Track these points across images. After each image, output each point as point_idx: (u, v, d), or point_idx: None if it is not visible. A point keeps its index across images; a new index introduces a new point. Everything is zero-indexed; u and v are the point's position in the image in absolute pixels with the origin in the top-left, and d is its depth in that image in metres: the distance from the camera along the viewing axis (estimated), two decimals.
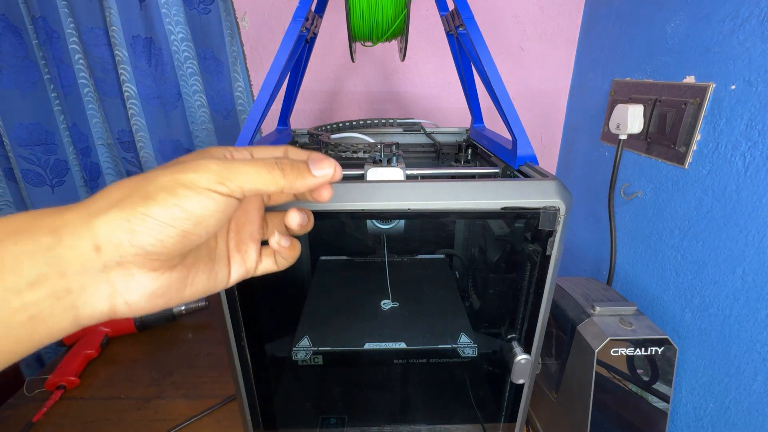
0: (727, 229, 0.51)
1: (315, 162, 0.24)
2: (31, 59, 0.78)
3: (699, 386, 0.55)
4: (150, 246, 0.19)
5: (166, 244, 0.20)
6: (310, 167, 0.24)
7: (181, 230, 0.20)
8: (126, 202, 0.19)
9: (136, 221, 0.19)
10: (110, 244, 0.19)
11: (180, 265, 0.23)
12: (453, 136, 0.71)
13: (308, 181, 0.23)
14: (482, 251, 0.60)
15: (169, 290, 0.22)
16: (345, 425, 0.55)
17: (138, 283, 0.20)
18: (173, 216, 0.19)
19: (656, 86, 0.61)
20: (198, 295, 0.25)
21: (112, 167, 0.93)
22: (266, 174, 0.22)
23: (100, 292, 0.20)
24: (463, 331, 0.53)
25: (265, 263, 0.28)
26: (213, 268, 0.25)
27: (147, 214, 0.19)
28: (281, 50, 0.45)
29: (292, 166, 0.23)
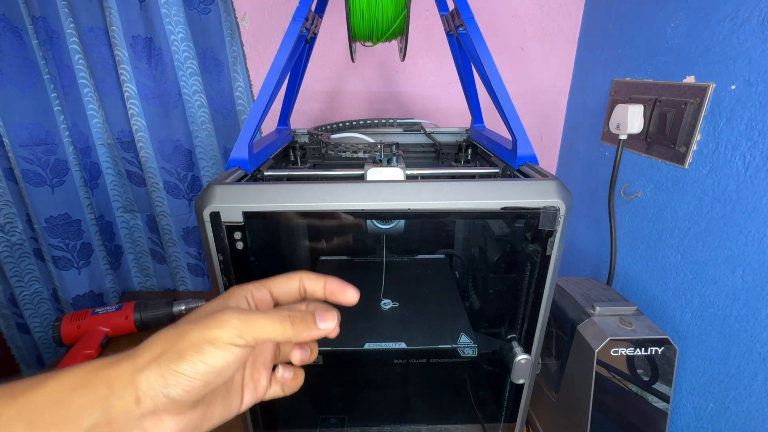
0: (727, 229, 0.51)
1: (321, 315, 0.28)
2: (31, 59, 0.78)
3: (699, 386, 0.55)
4: (178, 396, 0.22)
5: (191, 393, 0.23)
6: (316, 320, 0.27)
7: (205, 381, 0.23)
8: (162, 359, 0.23)
9: (169, 377, 0.22)
10: (148, 396, 0.22)
11: (201, 404, 0.25)
12: (453, 136, 0.71)
13: (312, 333, 0.27)
14: (482, 251, 0.60)
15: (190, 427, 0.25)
16: (345, 425, 0.55)
17: (165, 426, 0.23)
18: (198, 371, 0.23)
19: (656, 86, 0.61)
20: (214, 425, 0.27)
21: (112, 167, 0.93)
22: (279, 327, 0.25)
23: None
24: (463, 331, 0.53)
25: (273, 389, 0.31)
26: (228, 400, 0.28)
27: (178, 371, 0.22)
28: (281, 50, 0.45)
29: (301, 320, 0.26)
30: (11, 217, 0.88)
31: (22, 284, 0.94)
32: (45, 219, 0.87)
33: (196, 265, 1.04)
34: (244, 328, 0.24)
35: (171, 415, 0.23)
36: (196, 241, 1.00)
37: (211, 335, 0.23)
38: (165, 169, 0.91)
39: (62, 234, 0.89)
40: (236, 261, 0.39)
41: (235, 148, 0.43)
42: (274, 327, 0.25)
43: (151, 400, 0.22)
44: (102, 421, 0.21)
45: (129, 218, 1.00)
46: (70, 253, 0.91)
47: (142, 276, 1.07)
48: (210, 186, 0.37)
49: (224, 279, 0.40)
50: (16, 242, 0.90)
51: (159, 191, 0.92)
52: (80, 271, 0.93)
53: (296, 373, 0.32)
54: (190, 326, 0.24)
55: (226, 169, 0.43)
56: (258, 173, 0.47)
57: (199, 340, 0.23)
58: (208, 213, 0.37)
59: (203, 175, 0.95)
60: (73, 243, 0.91)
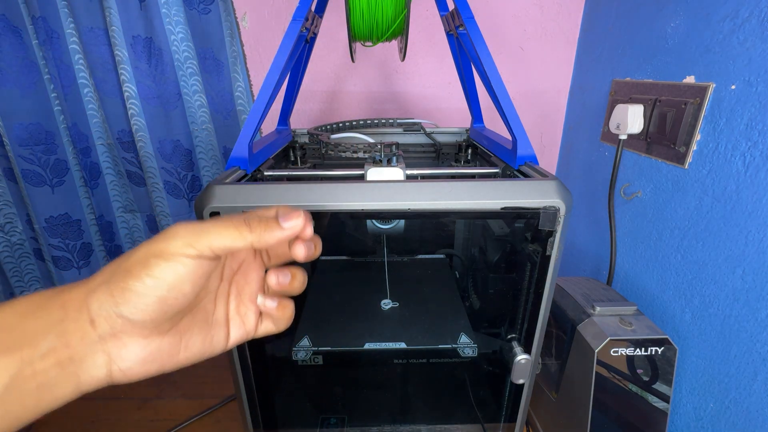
0: (727, 229, 0.51)
1: (283, 215, 0.25)
2: (31, 59, 0.78)
3: (699, 386, 0.55)
4: (131, 315, 0.21)
5: (146, 311, 0.21)
6: (279, 220, 0.24)
7: (157, 297, 0.21)
8: (111, 279, 0.21)
9: (117, 294, 0.21)
10: (100, 317, 0.21)
11: (172, 331, 0.24)
12: (453, 136, 0.71)
13: (276, 233, 0.24)
14: (482, 251, 0.60)
15: (160, 355, 0.23)
16: (345, 425, 0.55)
17: (130, 351, 0.22)
18: (146, 285, 0.21)
19: (656, 86, 0.61)
20: (194, 358, 0.25)
21: (112, 167, 0.93)
22: (233, 230, 0.23)
23: (97, 360, 0.22)
24: (463, 331, 0.53)
25: (265, 325, 0.29)
26: (209, 332, 0.26)
27: (126, 287, 0.21)
28: (281, 50, 0.45)
29: (259, 221, 0.24)
30: (11, 217, 0.88)
31: (22, 284, 0.94)
32: (45, 219, 0.87)
33: None
34: (194, 237, 0.22)
35: (134, 339, 0.22)
36: None
37: (157, 248, 0.22)
38: (165, 169, 0.91)
39: (62, 234, 0.89)
40: None
41: (235, 148, 0.43)
42: (228, 231, 0.23)
43: (106, 321, 0.21)
44: (59, 344, 0.20)
45: (129, 218, 1.00)
46: (70, 253, 0.91)
47: None
48: (210, 186, 0.37)
49: None
50: (16, 242, 0.90)
51: (159, 191, 0.92)
52: (80, 271, 0.93)
53: (282, 303, 0.28)
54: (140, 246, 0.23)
55: (226, 169, 0.43)
56: (258, 173, 0.47)
57: (145, 255, 0.22)
58: (208, 213, 0.37)
59: (203, 175, 0.95)
60: (73, 243, 0.91)
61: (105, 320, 0.21)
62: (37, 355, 0.20)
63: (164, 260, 0.21)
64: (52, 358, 0.20)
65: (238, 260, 0.28)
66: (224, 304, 0.27)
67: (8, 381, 0.19)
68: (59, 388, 0.21)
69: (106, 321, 0.21)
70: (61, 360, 0.21)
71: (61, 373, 0.21)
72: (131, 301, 0.21)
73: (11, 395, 0.19)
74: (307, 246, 0.26)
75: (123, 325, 0.21)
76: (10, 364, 0.19)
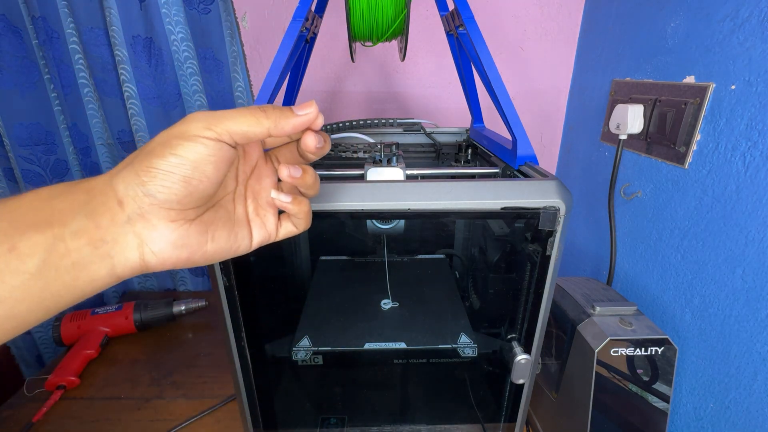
0: (727, 229, 0.51)
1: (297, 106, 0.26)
2: (31, 59, 0.78)
3: (699, 386, 0.55)
4: (159, 193, 0.22)
5: (173, 189, 0.22)
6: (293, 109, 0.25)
7: (182, 176, 0.22)
8: (135, 161, 0.22)
9: (143, 173, 0.21)
10: (128, 197, 0.22)
11: (197, 220, 0.24)
12: (453, 136, 0.71)
13: (291, 120, 0.25)
14: (482, 251, 0.60)
15: (189, 241, 0.24)
16: (345, 425, 0.55)
17: (160, 233, 0.23)
18: (171, 163, 0.22)
19: (656, 86, 0.61)
20: (222, 252, 0.26)
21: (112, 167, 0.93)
22: (250, 117, 0.23)
23: (129, 242, 0.22)
24: (463, 331, 0.53)
25: (285, 227, 0.30)
26: (233, 229, 0.27)
27: (151, 165, 0.21)
28: (281, 50, 0.45)
29: (274, 109, 0.24)
30: None
31: None
32: None
33: None
34: (213, 120, 0.23)
35: (163, 221, 0.23)
36: None
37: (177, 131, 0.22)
38: None
39: None
40: (236, 261, 0.39)
41: None
42: (245, 118, 0.23)
43: (133, 201, 0.22)
44: (89, 225, 0.21)
45: None
46: None
47: (142, 276, 1.07)
48: None
49: (224, 279, 0.39)
50: None
51: None
52: None
53: (297, 198, 0.29)
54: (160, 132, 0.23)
55: None
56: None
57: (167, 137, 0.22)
58: None
59: None
60: None
61: (133, 200, 0.22)
62: (68, 232, 0.20)
63: (186, 140, 0.22)
64: (84, 237, 0.21)
65: (250, 163, 0.28)
66: (243, 206, 0.28)
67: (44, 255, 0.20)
68: (94, 269, 0.21)
69: (134, 200, 0.22)
70: (93, 239, 0.21)
71: (95, 252, 0.21)
72: (157, 178, 0.21)
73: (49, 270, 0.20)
74: (317, 137, 0.27)
75: (150, 204, 0.22)
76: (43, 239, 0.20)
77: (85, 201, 0.21)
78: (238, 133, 0.23)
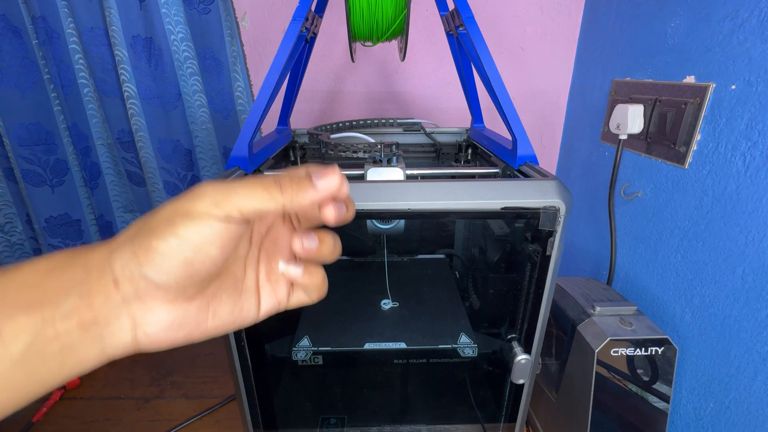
0: (727, 229, 0.51)
1: (317, 173, 0.22)
2: (31, 59, 0.78)
3: (699, 386, 0.55)
4: (156, 276, 0.20)
5: (171, 273, 0.20)
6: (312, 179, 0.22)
7: (182, 259, 0.20)
8: (135, 237, 0.20)
9: (141, 254, 0.20)
10: (124, 277, 0.20)
11: (199, 296, 0.23)
12: (453, 136, 0.71)
13: (309, 194, 0.22)
14: (482, 251, 0.60)
15: (187, 322, 0.22)
16: (345, 425, 0.55)
17: (156, 315, 0.21)
18: (171, 245, 0.20)
19: (656, 86, 0.61)
20: (223, 327, 0.24)
21: (111, 167, 0.93)
22: (263, 191, 0.21)
23: (122, 323, 0.21)
24: (463, 331, 0.53)
25: (297, 295, 0.27)
26: (239, 300, 0.25)
27: (150, 247, 0.20)
28: (281, 50, 0.45)
29: (291, 180, 0.22)
30: (11, 217, 0.88)
31: None
32: (45, 219, 0.87)
33: None
34: (221, 197, 0.20)
35: (159, 302, 0.21)
36: None
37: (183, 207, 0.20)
38: (165, 169, 0.91)
39: (62, 234, 0.89)
40: None
41: (235, 148, 0.43)
42: (257, 192, 0.21)
43: (129, 283, 0.20)
44: (81, 304, 0.19)
45: (129, 218, 1.00)
46: None
47: None
48: None
49: None
50: (16, 242, 0.90)
51: (159, 191, 0.92)
52: None
53: (309, 268, 0.26)
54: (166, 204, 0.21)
55: (226, 169, 0.43)
56: (258, 173, 0.47)
57: (171, 214, 0.20)
58: None
59: (203, 175, 0.95)
60: (73, 243, 0.91)
61: (129, 281, 0.20)
62: (58, 314, 0.19)
63: (190, 220, 0.20)
64: (75, 318, 0.19)
65: (266, 224, 0.26)
66: (254, 271, 0.26)
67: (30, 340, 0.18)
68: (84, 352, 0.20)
69: (130, 282, 0.20)
70: (84, 321, 0.20)
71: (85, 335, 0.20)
72: (155, 262, 0.20)
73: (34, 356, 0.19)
74: (338, 207, 0.24)
75: (147, 287, 0.20)
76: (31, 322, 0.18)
77: (81, 278, 0.20)
78: (249, 210, 0.21)
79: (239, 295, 0.25)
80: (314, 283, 0.27)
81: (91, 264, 0.20)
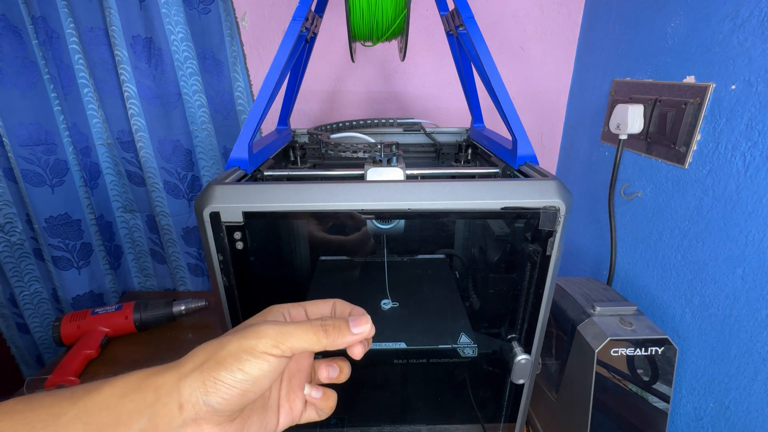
0: (727, 229, 0.51)
1: (354, 321, 0.28)
2: (31, 59, 0.78)
3: (699, 386, 0.55)
4: (217, 404, 0.23)
5: (230, 402, 0.24)
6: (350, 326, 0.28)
7: (242, 390, 0.24)
8: (204, 367, 0.24)
9: (210, 384, 0.23)
10: (189, 403, 0.23)
11: (239, 418, 0.26)
12: (453, 136, 0.71)
13: (347, 339, 0.27)
14: (482, 251, 0.60)
15: None
16: (345, 425, 0.55)
17: None
18: (236, 379, 0.23)
19: (656, 86, 0.61)
20: None
21: (111, 167, 0.93)
22: (312, 335, 0.26)
23: None
24: (463, 331, 0.53)
25: (308, 412, 0.31)
26: (265, 417, 0.28)
27: (218, 378, 0.23)
28: (281, 50, 0.45)
29: (334, 327, 0.27)
30: (11, 217, 0.88)
31: (21, 284, 0.94)
32: (45, 219, 0.87)
33: (196, 265, 1.04)
34: (280, 337, 0.25)
35: (210, 425, 0.24)
36: (196, 241, 1.00)
37: (248, 344, 0.24)
38: (165, 169, 0.91)
39: (62, 234, 0.89)
40: (236, 261, 0.39)
41: (235, 148, 0.43)
42: (308, 336, 0.26)
43: (193, 408, 0.23)
44: (148, 426, 0.22)
45: (129, 218, 1.00)
46: (69, 253, 0.91)
47: (142, 276, 1.07)
48: (210, 186, 0.37)
49: (224, 279, 0.39)
50: (16, 242, 0.90)
51: (159, 191, 0.92)
52: (80, 271, 0.93)
53: (326, 393, 0.31)
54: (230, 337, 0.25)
55: (226, 169, 0.43)
56: (258, 173, 0.47)
57: (237, 350, 0.24)
58: (208, 213, 0.37)
59: (203, 175, 0.95)
60: (73, 243, 0.91)
61: (193, 406, 0.23)
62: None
63: (254, 357, 0.24)
64: None
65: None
66: (277, 390, 0.30)
67: None
68: None
69: (193, 407, 0.23)
70: None
71: None
72: (220, 391, 0.23)
73: None
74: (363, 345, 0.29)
75: (206, 412, 0.23)
76: None
77: (151, 401, 0.23)
78: (299, 349, 0.26)
79: (265, 413, 0.28)
80: (329, 405, 0.31)
81: (161, 388, 0.23)
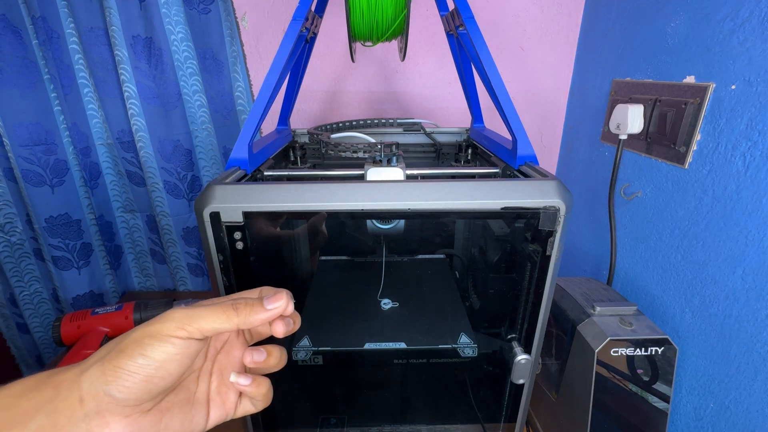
0: (727, 229, 0.51)
1: (268, 297, 0.27)
2: (31, 59, 0.78)
3: (699, 386, 0.55)
4: (118, 393, 0.22)
5: (132, 389, 0.22)
6: (263, 302, 0.26)
7: (145, 375, 0.23)
8: (106, 358, 0.23)
9: (109, 373, 0.22)
10: (89, 395, 0.22)
11: (154, 410, 0.25)
12: (453, 136, 0.71)
13: (261, 315, 0.26)
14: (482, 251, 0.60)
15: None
16: (345, 425, 0.55)
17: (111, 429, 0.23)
18: (137, 364, 0.23)
19: (656, 86, 0.61)
20: None
21: (111, 167, 0.93)
22: (222, 314, 0.25)
23: None
24: (463, 331, 0.53)
25: (244, 405, 0.30)
26: (190, 412, 0.27)
27: (118, 365, 0.22)
28: (281, 50, 0.45)
29: (245, 304, 0.26)
30: (11, 217, 0.88)
31: (22, 284, 0.94)
32: (45, 219, 0.87)
33: (196, 265, 1.04)
34: (187, 320, 0.24)
35: (117, 418, 0.23)
36: (196, 241, 1.00)
37: (152, 329, 0.24)
38: (165, 169, 0.91)
39: (62, 234, 0.89)
40: (236, 261, 0.39)
41: (235, 148, 0.43)
42: (217, 315, 0.25)
43: (93, 400, 0.22)
44: (47, 424, 0.21)
45: (129, 218, 1.00)
46: (70, 253, 0.91)
47: (142, 276, 1.07)
48: (210, 186, 0.37)
49: (224, 279, 0.39)
50: (16, 242, 0.90)
51: (159, 191, 0.92)
52: (80, 271, 0.93)
53: (257, 380, 0.29)
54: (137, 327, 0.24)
55: (226, 169, 0.43)
56: (258, 173, 0.47)
57: (141, 336, 0.23)
58: (208, 213, 0.37)
59: (203, 175, 0.95)
60: (73, 243, 0.91)
61: (93, 398, 0.22)
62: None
63: (158, 341, 0.23)
64: None
65: (222, 340, 0.29)
66: (206, 384, 0.28)
67: None
68: None
69: (93, 399, 0.22)
70: None
71: None
72: (121, 378, 0.22)
73: None
74: (286, 322, 0.28)
75: (108, 403, 0.22)
76: None
77: (50, 398, 0.22)
78: (209, 330, 0.25)
79: (190, 407, 0.27)
80: (261, 392, 0.29)
81: (62, 384, 0.22)
